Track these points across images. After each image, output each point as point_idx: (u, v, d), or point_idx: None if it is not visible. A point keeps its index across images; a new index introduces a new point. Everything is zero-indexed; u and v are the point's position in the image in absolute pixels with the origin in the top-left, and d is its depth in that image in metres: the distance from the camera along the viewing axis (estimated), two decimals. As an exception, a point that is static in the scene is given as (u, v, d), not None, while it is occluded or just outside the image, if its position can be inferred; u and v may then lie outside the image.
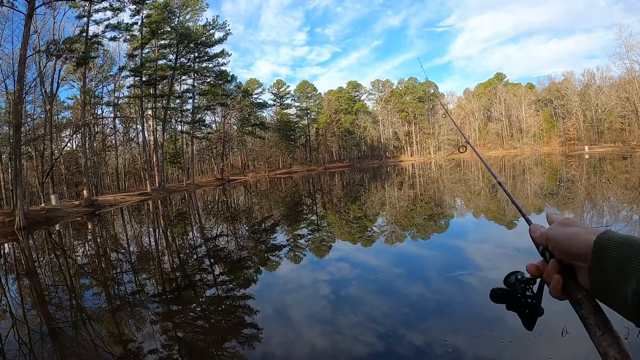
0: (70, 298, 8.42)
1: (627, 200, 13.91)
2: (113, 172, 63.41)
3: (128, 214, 27.51)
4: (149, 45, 51.14)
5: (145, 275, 9.71)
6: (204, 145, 73.41)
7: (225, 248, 12.18)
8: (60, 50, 35.98)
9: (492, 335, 4.61)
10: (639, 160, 35.27)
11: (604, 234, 0.65)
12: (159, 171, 50.94)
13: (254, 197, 33.78)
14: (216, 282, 8.54)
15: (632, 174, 23.51)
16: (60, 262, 12.56)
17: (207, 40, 55.56)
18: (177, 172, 71.78)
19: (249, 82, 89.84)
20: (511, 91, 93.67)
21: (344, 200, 23.59)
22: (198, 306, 7.02)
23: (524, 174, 29.87)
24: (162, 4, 50.09)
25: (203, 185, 58.42)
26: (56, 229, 22.21)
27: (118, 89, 57.05)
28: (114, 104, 55.01)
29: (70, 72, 49.21)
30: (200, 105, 61.88)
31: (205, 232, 16.03)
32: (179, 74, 54.83)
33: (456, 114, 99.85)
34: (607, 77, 78.37)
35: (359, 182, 38.62)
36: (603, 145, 68.49)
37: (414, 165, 68.48)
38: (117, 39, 44.64)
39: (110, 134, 61.12)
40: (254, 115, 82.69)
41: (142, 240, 15.68)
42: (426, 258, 8.93)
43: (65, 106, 59.23)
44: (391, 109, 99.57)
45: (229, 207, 26.50)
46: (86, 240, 17.40)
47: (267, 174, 76.65)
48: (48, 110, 40.78)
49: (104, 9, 40.04)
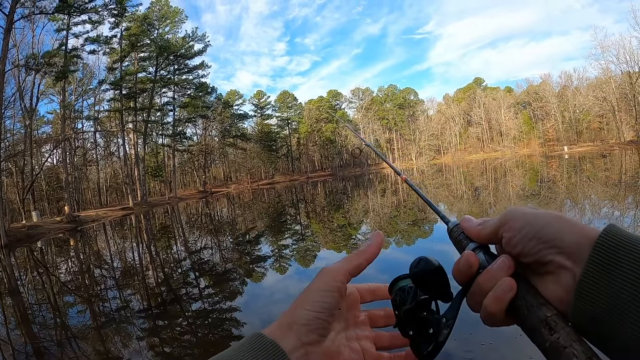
0: (55, 316, 8.34)
1: (608, 197, 14.19)
2: (94, 187, 62.75)
3: (111, 229, 27.25)
4: (128, 58, 51.03)
5: (130, 290, 9.66)
6: (185, 157, 73.14)
7: (210, 261, 12.16)
8: (40, 64, 35.74)
9: (472, 337, 4.67)
10: (617, 158, 35.98)
11: (612, 227, 0.47)
12: (141, 185, 50.62)
13: (237, 208, 33.68)
14: (202, 295, 8.53)
15: (612, 172, 23.99)
16: (43, 280, 12.41)
17: (186, 52, 55.62)
18: (160, 186, 71.29)
19: (229, 93, 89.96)
20: (490, 95, 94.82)
21: (327, 209, 23.64)
22: (184, 320, 7.01)
23: (505, 177, 30.24)
24: (142, 16, 50.04)
25: (186, 198, 58.14)
26: (38, 246, 21.92)
27: (98, 103, 56.72)
28: (94, 117, 54.66)
29: (50, 86, 48.82)
30: (181, 118, 61.78)
31: (190, 246, 15.96)
32: (159, 86, 54.72)
33: (436, 119, 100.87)
34: (584, 78, 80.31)
35: (342, 190, 38.72)
36: (582, 145, 69.63)
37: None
38: (96, 52, 44.59)
39: (91, 148, 60.65)
40: (235, 127, 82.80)
41: (126, 256, 15.55)
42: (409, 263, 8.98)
43: (45, 121, 58.67)
44: (372, 117, 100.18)
45: (212, 220, 26.40)
46: (69, 257, 17.21)
47: (250, 185, 76.51)
48: (28, 125, 40.28)
49: (83, 22, 40.00)
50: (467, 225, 0.63)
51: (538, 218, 0.52)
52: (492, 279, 0.53)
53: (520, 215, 0.54)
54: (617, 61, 63.01)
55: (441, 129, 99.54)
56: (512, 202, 16.05)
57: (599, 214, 10.93)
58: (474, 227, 0.61)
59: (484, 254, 0.57)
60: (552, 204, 13.98)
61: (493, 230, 0.57)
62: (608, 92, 66.69)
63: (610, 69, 65.10)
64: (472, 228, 0.62)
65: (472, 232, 0.61)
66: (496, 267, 0.54)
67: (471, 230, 0.62)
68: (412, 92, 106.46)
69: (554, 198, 15.45)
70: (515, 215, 0.55)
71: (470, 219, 0.64)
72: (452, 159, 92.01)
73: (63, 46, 38.68)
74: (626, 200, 12.95)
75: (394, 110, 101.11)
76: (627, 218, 10.01)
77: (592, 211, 11.66)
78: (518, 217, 0.54)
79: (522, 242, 0.52)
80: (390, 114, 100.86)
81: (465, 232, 0.63)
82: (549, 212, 0.54)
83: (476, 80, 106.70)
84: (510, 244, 0.54)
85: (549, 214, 0.52)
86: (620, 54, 62.04)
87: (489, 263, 0.55)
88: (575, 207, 12.91)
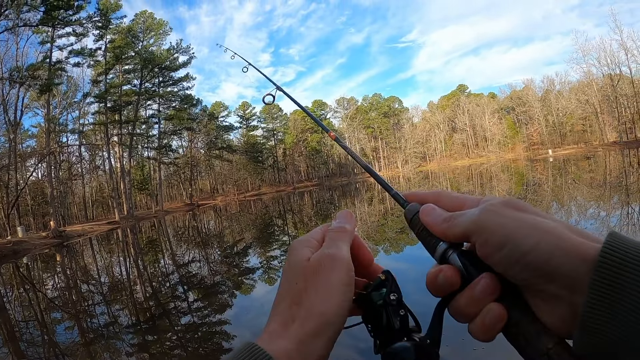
0: (42, 333, 8.27)
1: (593, 198, 14.41)
2: (80, 202, 62.24)
3: (97, 244, 27.02)
4: (113, 70, 50.90)
5: (118, 306, 9.61)
6: (171, 170, 72.84)
7: (198, 274, 12.12)
8: (24, 77, 35.56)
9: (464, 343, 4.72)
10: (601, 159, 36.57)
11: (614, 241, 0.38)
12: (127, 199, 50.26)
13: (224, 220, 33.57)
14: (191, 309, 8.52)
15: (596, 173, 24.40)
16: (30, 297, 12.28)
17: (171, 64, 55.58)
18: (146, 199, 70.89)
19: (214, 105, 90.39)
20: (474, 101, 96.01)
21: (314, 218, 23.66)
22: (174, 335, 7.00)
23: (492, 181, 30.52)
24: (126, 28, 50.03)
25: (172, 211, 57.76)
26: (24, 262, 21.68)
27: (83, 116, 56.48)
28: (79, 131, 54.39)
29: (34, 99, 48.60)
30: (167, 130, 61.62)
31: (177, 259, 15.89)
32: (144, 99, 54.57)
33: (421, 127, 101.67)
34: (566, 82, 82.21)
35: (329, 200, 38.75)
36: (566, 148, 70.82)
37: (383, 180, 68.91)
38: (81, 65, 44.49)
39: (76, 162, 60.26)
40: (221, 139, 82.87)
41: (113, 271, 15.44)
42: (400, 271, 9.00)
43: (30, 134, 58.38)
44: (357, 126, 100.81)
45: (199, 233, 26.29)
46: (56, 273, 17.04)
47: (237, 197, 76.31)
48: (12, 138, 39.93)
49: (67, 34, 39.97)
50: (428, 221, 0.54)
51: (522, 235, 0.43)
52: (476, 304, 0.46)
53: (497, 227, 0.45)
54: (599, 64, 64.43)
55: (426, 136, 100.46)
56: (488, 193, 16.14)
57: (585, 215, 11.11)
58: (437, 226, 0.52)
59: (459, 257, 0.50)
60: (539, 206, 14.11)
61: (462, 233, 0.49)
62: (590, 94, 68.15)
63: (592, 72, 66.72)
64: (436, 226, 0.53)
65: (435, 230, 0.53)
66: (479, 291, 0.46)
67: (434, 228, 0.53)
68: (397, 101, 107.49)
69: (540, 201, 15.63)
70: (491, 225, 0.45)
71: (431, 212, 0.54)
72: (438, 165, 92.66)
73: (47, 59, 38.55)
74: (612, 200, 13.19)
75: (379, 118, 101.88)
76: (613, 218, 10.19)
77: (579, 212, 11.84)
78: (495, 228, 0.45)
79: (504, 263, 0.44)
80: (376, 123, 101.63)
81: (426, 226, 0.54)
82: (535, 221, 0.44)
83: (460, 87, 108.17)
84: (488, 260, 0.46)
85: (535, 227, 0.43)
86: (601, 57, 63.44)
87: (466, 270, 0.48)
88: (562, 209, 13.09)
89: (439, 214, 0.53)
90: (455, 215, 0.51)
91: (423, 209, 0.55)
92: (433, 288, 0.50)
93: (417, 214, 0.56)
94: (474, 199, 0.54)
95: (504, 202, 0.48)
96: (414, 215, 0.57)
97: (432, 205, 0.55)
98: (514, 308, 0.44)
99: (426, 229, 0.54)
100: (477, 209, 0.49)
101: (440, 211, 0.54)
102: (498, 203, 0.48)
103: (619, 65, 61.52)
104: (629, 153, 40.25)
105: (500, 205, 0.47)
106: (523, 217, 0.44)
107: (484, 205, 0.49)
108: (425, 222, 0.54)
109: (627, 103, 63.66)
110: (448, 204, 0.55)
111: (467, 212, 0.50)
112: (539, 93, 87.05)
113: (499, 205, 0.47)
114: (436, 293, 0.50)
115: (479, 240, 0.46)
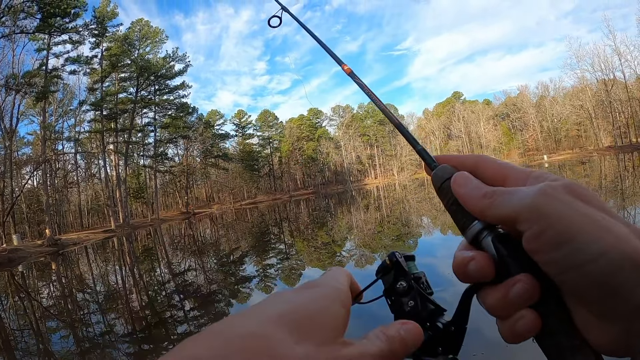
0: (38, 342, 8.23)
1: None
2: (76, 210, 62.01)
3: (93, 253, 26.93)
4: (109, 78, 50.97)
5: (114, 315, 9.57)
6: (167, 178, 72.73)
7: (194, 282, 12.10)
8: (20, 85, 35.60)
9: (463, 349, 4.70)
10: (597, 164, 36.80)
11: None
12: (123, 207, 50.14)
13: (220, 229, 33.51)
14: (187, 317, 8.50)
15: (592, 177, 24.52)
16: (25, 305, 12.23)
17: (167, 72, 55.65)
18: (142, 207, 70.80)
19: (210, 113, 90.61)
20: (469, 108, 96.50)
21: (311, 227, 23.67)
22: (170, 344, 6.97)
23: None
24: (122, 36, 50.14)
25: (168, 219, 57.62)
26: (19, 270, 21.58)
27: (79, 124, 56.46)
28: (75, 139, 54.29)
29: (30, 107, 48.66)
30: (162, 139, 61.66)
31: (173, 268, 15.87)
32: (139, 107, 54.61)
33: (417, 134, 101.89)
34: (561, 88, 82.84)
35: (325, 208, 38.78)
36: (561, 153, 71.27)
37: (379, 188, 69.19)
38: (77, 73, 44.54)
39: (72, 170, 60.09)
40: (217, 147, 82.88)
41: (109, 279, 15.39)
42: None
43: (25, 142, 58.39)
44: (353, 134, 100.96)
45: (196, 241, 26.23)
46: (51, 281, 16.97)
47: (233, 205, 76.18)
48: (8, 146, 39.85)
49: (64, 41, 40.07)
50: (463, 193, 0.44)
51: (588, 237, 0.34)
52: (508, 306, 0.39)
53: (558, 219, 0.36)
54: (593, 69, 65.06)
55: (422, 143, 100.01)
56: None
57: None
58: (475, 201, 0.42)
59: (496, 243, 0.41)
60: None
61: (507, 216, 0.39)
62: (585, 100, 68.62)
63: (586, 77, 67.33)
64: (472, 201, 0.43)
65: (471, 207, 0.43)
66: (514, 295, 0.38)
67: (470, 204, 0.43)
68: (392, 108, 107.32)
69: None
70: (551, 215, 0.36)
71: (467, 182, 0.44)
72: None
73: (43, 66, 38.63)
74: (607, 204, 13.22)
75: (375, 126, 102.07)
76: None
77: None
78: (555, 220, 0.36)
79: (557, 265, 0.36)
80: (371, 131, 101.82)
81: (459, 199, 0.44)
82: (604, 222, 0.35)
83: (455, 94, 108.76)
84: (537, 256, 0.37)
85: (605, 230, 0.34)
86: (595, 62, 64.08)
87: (502, 261, 0.40)
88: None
89: (476, 185, 0.43)
90: (499, 192, 0.41)
91: (456, 177, 0.45)
92: (461, 274, 0.43)
93: (449, 181, 0.46)
94: (521, 172, 0.44)
95: (567, 187, 0.38)
96: (444, 182, 0.47)
97: (468, 174, 0.45)
98: (552, 317, 0.38)
99: (458, 202, 0.45)
100: (531, 189, 0.38)
101: (478, 183, 0.44)
102: (560, 186, 0.38)
103: (612, 71, 62.29)
104: (623, 157, 40.54)
105: (562, 190, 0.37)
106: (590, 212, 0.36)
107: (542, 186, 0.38)
108: (459, 194, 0.44)
109: (621, 108, 64.20)
110: (488, 174, 0.45)
111: (518, 190, 0.40)
112: (534, 99, 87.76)
113: (561, 189, 0.37)
114: (464, 280, 0.43)
115: (531, 231, 0.37)
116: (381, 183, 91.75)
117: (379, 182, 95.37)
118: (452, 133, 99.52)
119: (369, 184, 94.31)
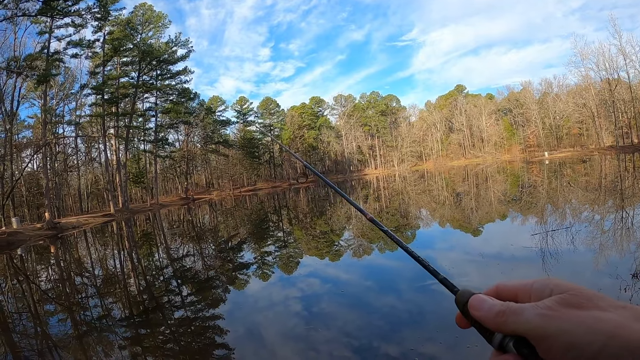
0: (35, 325, 8.27)
1: (588, 201, 14.49)
2: (75, 193, 61.97)
3: (92, 236, 26.97)
4: (111, 62, 50.63)
5: (111, 299, 9.60)
6: (167, 164, 72.66)
7: (192, 268, 12.13)
8: (21, 67, 35.40)
9: (458, 340, 4.75)
10: (597, 163, 36.83)
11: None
12: (123, 191, 50.09)
13: (219, 215, 33.57)
14: (184, 303, 8.52)
15: (592, 176, 24.58)
16: (23, 288, 12.26)
17: (169, 57, 55.26)
18: (141, 192, 70.80)
19: (212, 99, 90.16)
20: (471, 102, 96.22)
21: (309, 215, 23.71)
22: (167, 329, 7.01)
23: (487, 182, 30.65)
24: (125, 20, 49.77)
25: (168, 204, 57.69)
26: (18, 254, 21.61)
27: (79, 108, 56.22)
28: (76, 122, 54.06)
29: (31, 90, 48.42)
30: (163, 124, 61.39)
31: (172, 253, 15.90)
32: (141, 91, 54.36)
33: (418, 126, 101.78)
34: (564, 85, 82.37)
35: (324, 197, 38.79)
36: (562, 151, 71.10)
37: (378, 178, 69.22)
38: (78, 56, 44.21)
39: (72, 153, 59.95)
40: (218, 133, 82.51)
41: (107, 263, 15.42)
42: (395, 269, 9.09)
43: (26, 125, 58.11)
44: (354, 124, 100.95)
45: (194, 227, 26.28)
46: (50, 265, 17.01)
47: (232, 192, 76.11)
48: (8, 129, 39.67)
49: (66, 25, 39.67)
50: (479, 316, 0.51)
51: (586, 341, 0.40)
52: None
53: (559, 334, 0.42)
54: (597, 68, 64.57)
55: (423, 135, 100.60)
56: (493, 208, 16.13)
57: (579, 218, 11.16)
58: (490, 320, 0.50)
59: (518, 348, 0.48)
60: (533, 209, 14.21)
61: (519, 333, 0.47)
62: (588, 98, 68.36)
63: (590, 76, 66.87)
64: (488, 321, 0.50)
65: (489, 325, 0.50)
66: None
67: (487, 323, 0.50)
68: (395, 99, 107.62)
69: (535, 203, 15.71)
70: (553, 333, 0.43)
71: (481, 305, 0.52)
72: (434, 165, 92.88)
73: (45, 49, 38.30)
74: (606, 204, 13.27)
75: (376, 117, 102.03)
76: (607, 221, 10.25)
77: (573, 215, 11.89)
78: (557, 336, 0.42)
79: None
80: (373, 121, 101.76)
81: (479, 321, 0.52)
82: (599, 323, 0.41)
83: (458, 87, 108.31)
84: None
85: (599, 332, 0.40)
86: (599, 61, 63.57)
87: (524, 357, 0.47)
88: (556, 211, 13.15)
89: (489, 307, 0.50)
90: (509, 312, 0.48)
91: (472, 302, 0.53)
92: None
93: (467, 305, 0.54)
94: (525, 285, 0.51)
95: (563, 302, 0.44)
96: (464, 305, 0.55)
97: (482, 297, 0.53)
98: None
99: None
100: (534, 309, 0.45)
101: (490, 303, 0.51)
102: (556, 305, 0.44)
103: (617, 70, 61.81)
104: (624, 157, 40.51)
105: (559, 307, 0.44)
106: (585, 318, 0.41)
107: (542, 307, 0.45)
108: (477, 317, 0.51)
109: (624, 108, 63.97)
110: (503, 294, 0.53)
111: (524, 309, 0.47)
112: (537, 95, 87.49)
113: (558, 307, 0.44)
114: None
115: (542, 347, 0.44)
116: (381, 174, 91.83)
117: (379, 173, 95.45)
118: (453, 126, 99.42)
119: (369, 174, 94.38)
